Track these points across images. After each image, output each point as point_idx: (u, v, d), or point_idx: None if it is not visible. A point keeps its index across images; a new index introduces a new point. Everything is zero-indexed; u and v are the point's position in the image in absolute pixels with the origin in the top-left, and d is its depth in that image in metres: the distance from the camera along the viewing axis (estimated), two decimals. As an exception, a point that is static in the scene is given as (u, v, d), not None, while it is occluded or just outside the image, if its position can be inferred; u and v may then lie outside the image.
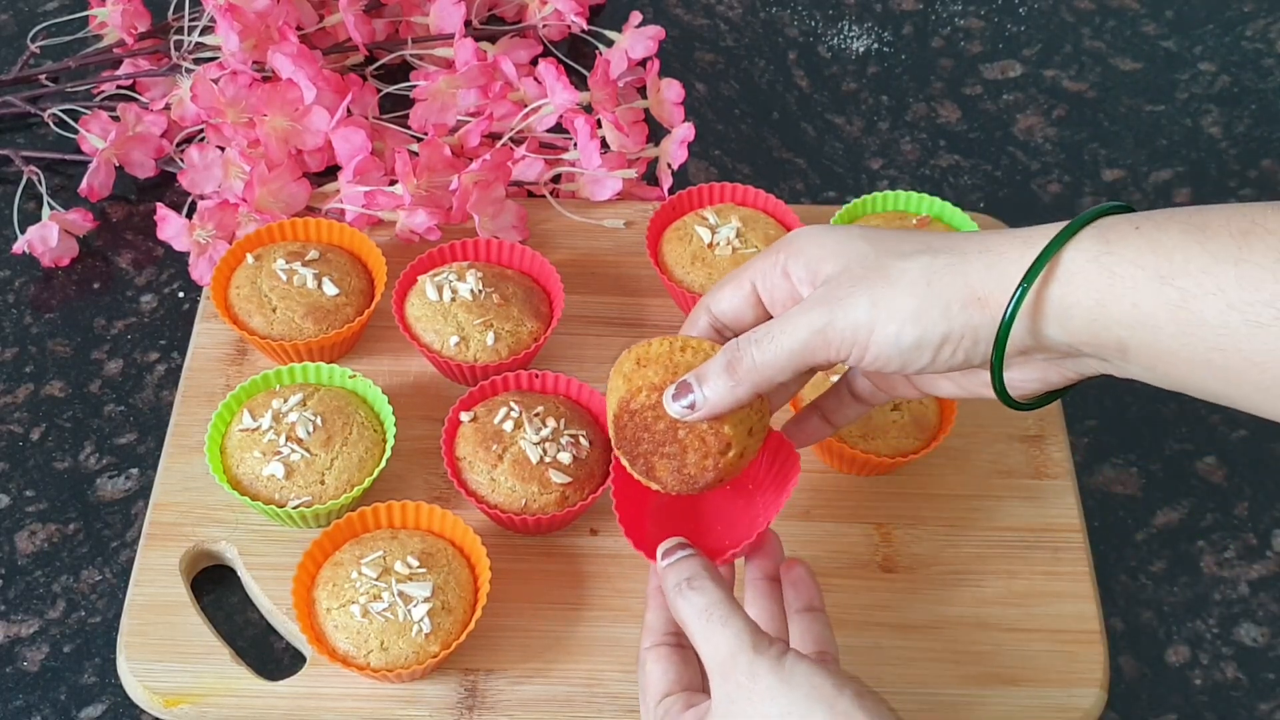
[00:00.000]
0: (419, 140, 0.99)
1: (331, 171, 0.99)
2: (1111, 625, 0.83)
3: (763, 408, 0.69)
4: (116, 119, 1.00)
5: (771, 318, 0.68)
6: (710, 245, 0.92)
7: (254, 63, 0.98)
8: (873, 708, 0.59)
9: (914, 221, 0.94)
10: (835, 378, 0.85)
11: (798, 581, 0.72)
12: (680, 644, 0.68)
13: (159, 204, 0.96)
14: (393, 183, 0.96)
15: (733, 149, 1.07)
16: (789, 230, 0.91)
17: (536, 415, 0.83)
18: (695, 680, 0.67)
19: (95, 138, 1.00)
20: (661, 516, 0.73)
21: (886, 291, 0.63)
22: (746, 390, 0.65)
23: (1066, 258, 0.60)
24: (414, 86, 1.01)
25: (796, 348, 0.64)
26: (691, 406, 0.66)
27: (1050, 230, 0.61)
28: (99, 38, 1.09)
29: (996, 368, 0.63)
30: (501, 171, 0.95)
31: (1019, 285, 0.60)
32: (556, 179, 1.00)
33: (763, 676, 0.61)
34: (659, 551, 0.69)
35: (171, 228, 0.95)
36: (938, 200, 0.94)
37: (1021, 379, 0.66)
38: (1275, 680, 0.81)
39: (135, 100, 1.04)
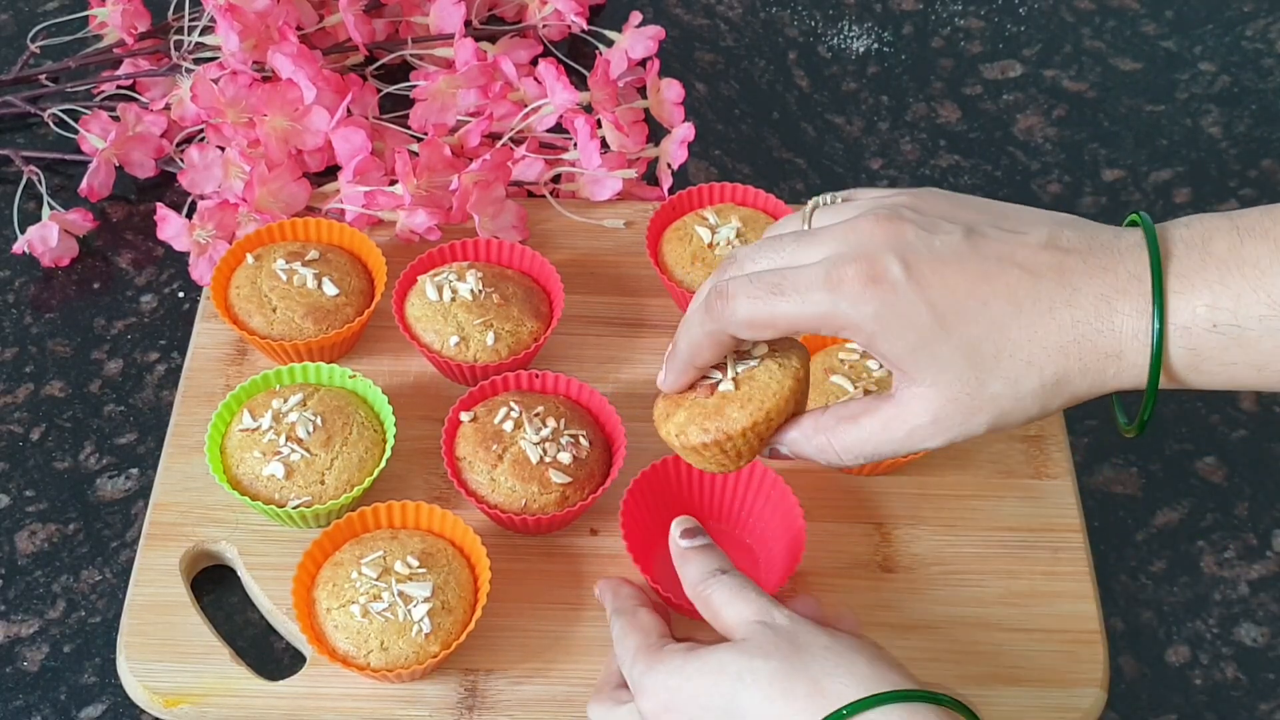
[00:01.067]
0: (419, 140, 0.99)
1: (331, 171, 0.99)
2: (1111, 625, 0.83)
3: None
4: (116, 119, 1.00)
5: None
6: (710, 245, 0.92)
7: (254, 63, 0.98)
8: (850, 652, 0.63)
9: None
10: (843, 355, 0.85)
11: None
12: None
13: (159, 204, 0.96)
14: (393, 183, 0.96)
15: (733, 149, 1.07)
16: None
17: (536, 415, 0.83)
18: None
19: (95, 138, 1.00)
20: (671, 563, 0.74)
21: (1007, 368, 0.61)
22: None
23: (1179, 316, 0.60)
24: (414, 86, 1.01)
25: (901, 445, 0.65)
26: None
27: (1129, 258, 0.60)
28: (99, 38, 1.09)
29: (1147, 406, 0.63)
30: (501, 171, 0.95)
31: (1154, 317, 0.60)
32: (556, 179, 1.00)
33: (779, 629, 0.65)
34: (677, 530, 0.72)
35: (171, 228, 0.95)
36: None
37: None
38: (1275, 680, 0.81)
39: (135, 100, 1.04)
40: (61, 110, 1.03)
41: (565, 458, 0.81)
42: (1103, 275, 0.60)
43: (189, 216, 0.96)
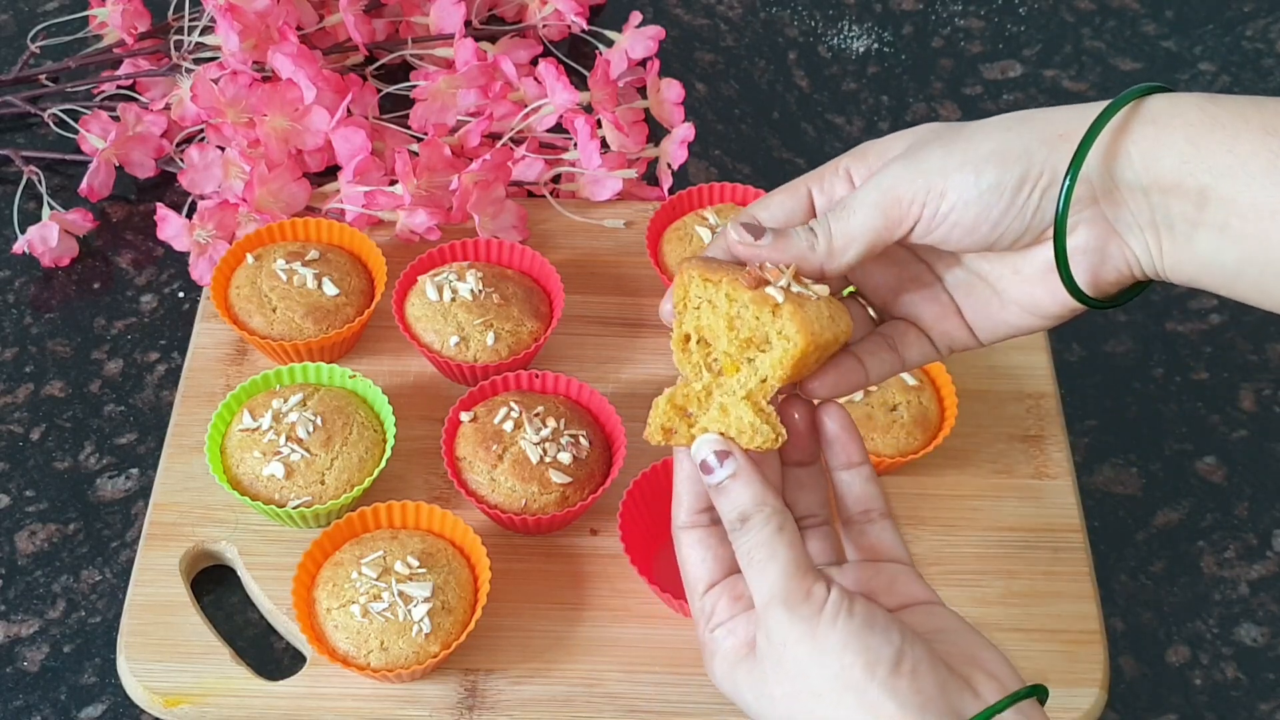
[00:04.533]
0: (419, 140, 0.99)
1: (331, 171, 0.99)
2: (1111, 625, 0.83)
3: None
4: (116, 119, 1.00)
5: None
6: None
7: (254, 63, 0.98)
8: (907, 691, 0.54)
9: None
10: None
11: (836, 438, 0.62)
12: (714, 521, 0.61)
13: (159, 204, 0.96)
14: (393, 183, 0.96)
15: (733, 149, 1.07)
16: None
17: (536, 415, 0.83)
18: (736, 560, 0.60)
19: (95, 138, 1.00)
20: (671, 563, 0.72)
21: (963, 143, 0.60)
22: (823, 252, 0.60)
23: (1161, 101, 0.58)
24: (414, 86, 1.01)
25: (873, 213, 0.60)
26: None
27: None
28: (99, 38, 1.09)
29: (1065, 198, 0.59)
30: (501, 171, 0.95)
31: (1107, 105, 0.58)
32: (556, 179, 1.00)
33: (792, 645, 0.56)
34: (696, 460, 0.60)
35: (171, 228, 0.95)
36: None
37: (1077, 251, 0.61)
38: (1275, 680, 0.81)
39: (135, 100, 1.04)
40: (62, 110, 1.03)
41: (565, 458, 0.81)
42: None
43: (189, 216, 0.95)
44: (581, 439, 0.83)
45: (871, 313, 0.66)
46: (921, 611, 0.60)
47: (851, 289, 0.66)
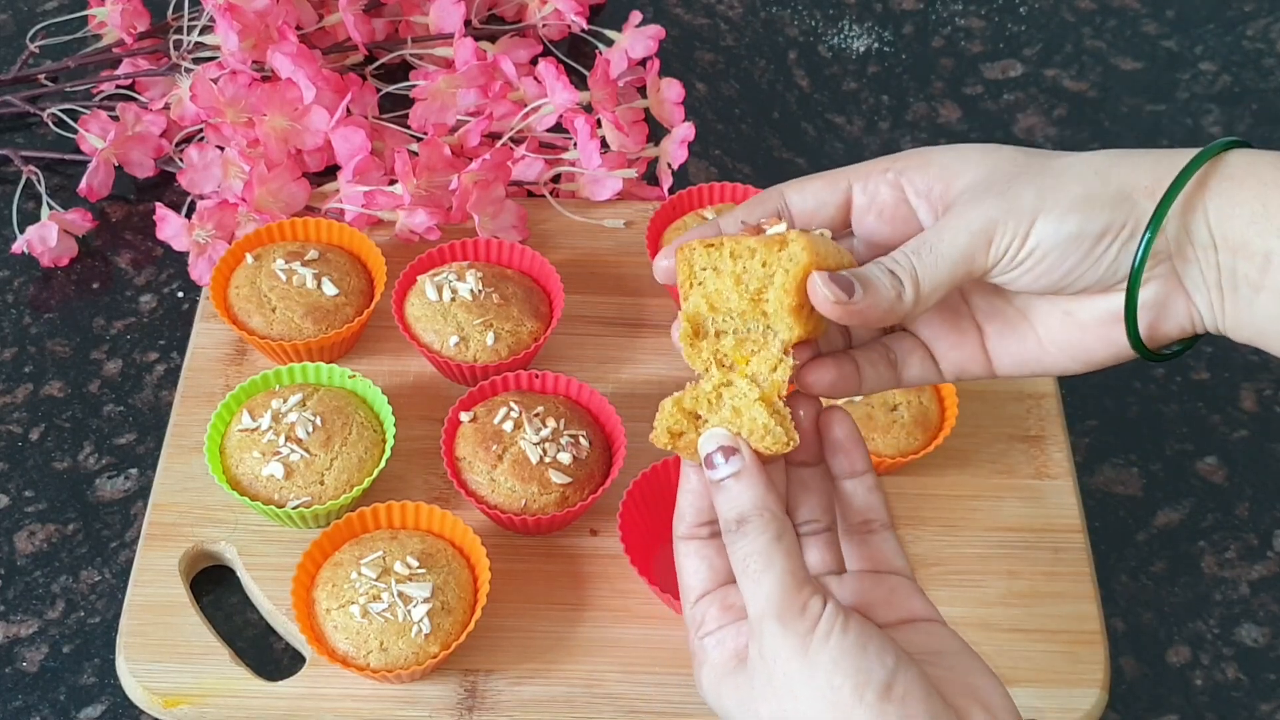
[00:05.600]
0: (419, 140, 0.99)
1: (331, 171, 0.99)
2: (1112, 626, 0.82)
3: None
4: (116, 119, 1.00)
5: (849, 230, 0.62)
6: (710, 245, 0.92)
7: (253, 62, 0.98)
8: (895, 717, 0.53)
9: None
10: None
11: (841, 445, 0.61)
12: (714, 534, 0.60)
13: (158, 204, 0.96)
14: (392, 182, 0.96)
15: (733, 149, 1.07)
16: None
17: (536, 415, 0.83)
18: (731, 572, 0.59)
19: (94, 137, 1.00)
20: (671, 563, 0.72)
21: (1052, 182, 0.58)
22: (910, 302, 0.58)
23: (1241, 156, 0.58)
24: (414, 86, 1.01)
25: (962, 257, 0.58)
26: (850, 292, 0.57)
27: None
28: (98, 37, 1.09)
29: (1144, 251, 0.58)
30: (501, 171, 0.95)
31: (1192, 160, 0.58)
32: (556, 179, 1.00)
33: (782, 661, 0.55)
34: (701, 454, 0.58)
35: (171, 227, 0.95)
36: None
37: (1144, 304, 0.60)
38: (1276, 681, 0.81)
39: (134, 100, 1.03)
40: (61, 110, 1.03)
41: (565, 458, 0.81)
42: (1151, 150, 0.60)
43: (188, 216, 0.95)
44: (581, 439, 0.83)
45: None
46: (921, 629, 0.59)
47: None
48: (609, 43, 1.06)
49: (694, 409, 0.59)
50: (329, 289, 0.90)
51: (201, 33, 1.01)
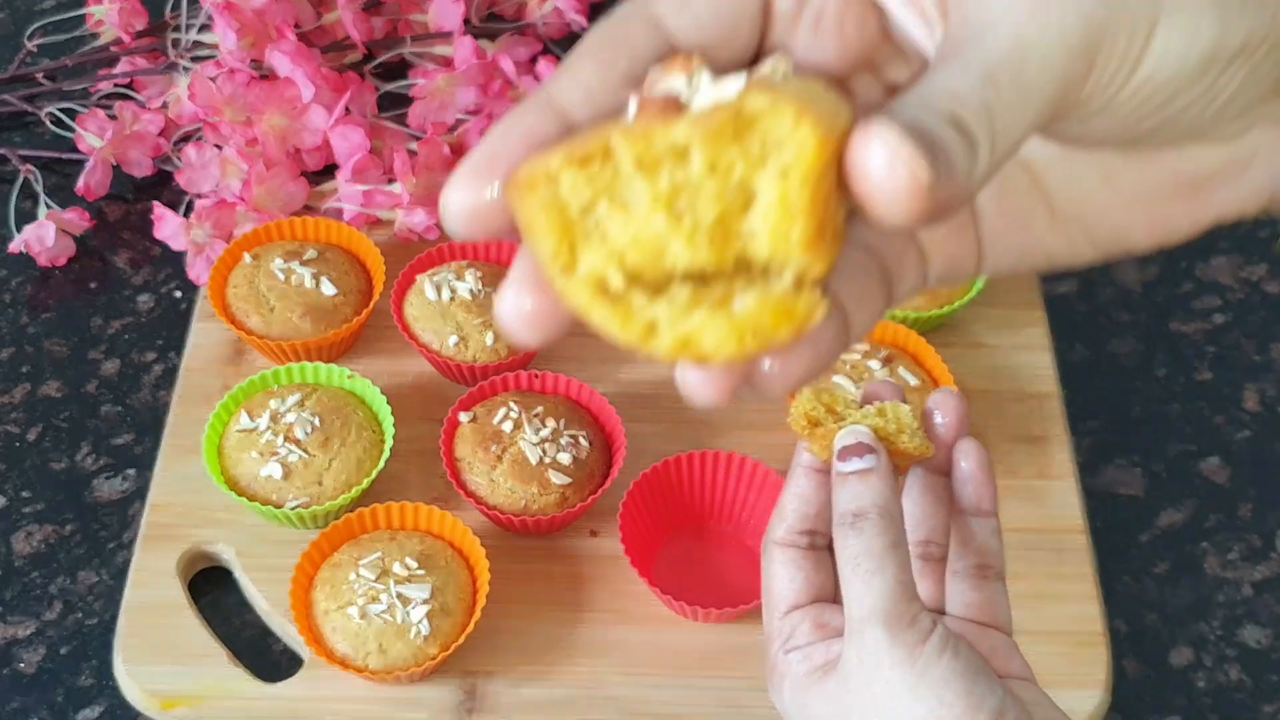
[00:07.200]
0: (418, 139, 0.99)
1: (329, 170, 0.98)
2: (1114, 627, 0.82)
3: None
4: (113, 117, 1.00)
5: (765, 45, 0.38)
6: (711, 244, 0.91)
7: (252, 61, 0.97)
8: None
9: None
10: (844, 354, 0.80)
11: (971, 477, 0.57)
12: (813, 545, 0.56)
13: (156, 203, 0.96)
14: (391, 181, 0.95)
15: (733, 148, 1.07)
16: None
17: (536, 416, 0.82)
18: (827, 587, 0.56)
19: (92, 136, 0.99)
20: (672, 565, 0.72)
21: None
22: (984, 172, 0.34)
23: None
24: (413, 85, 1.01)
25: (1056, 82, 0.35)
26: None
27: None
28: (96, 36, 1.09)
29: None
30: (501, 170, 0.94)
31: None
32: (556, 178, 1.00)
33: (886, 669, 0.51)
34: (837, 446, 0.54)
35: (169, 227, 0.95)
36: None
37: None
38: (1279, 682, 0.81)
39: (132, 99, 1.03)
40: (58, 109, 1.03)
41: (565, 458, 0.81)
42: None
43: (186, 215, 0.95)
44: (581, 439, 0.82)
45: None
46: (1015, 684, 0.55)
47: None
48: (609, 41, 1.05)
49: (832, 405, 0.55)
50: (327, 288, 0.89)
51: (200, 31, 1.01)
